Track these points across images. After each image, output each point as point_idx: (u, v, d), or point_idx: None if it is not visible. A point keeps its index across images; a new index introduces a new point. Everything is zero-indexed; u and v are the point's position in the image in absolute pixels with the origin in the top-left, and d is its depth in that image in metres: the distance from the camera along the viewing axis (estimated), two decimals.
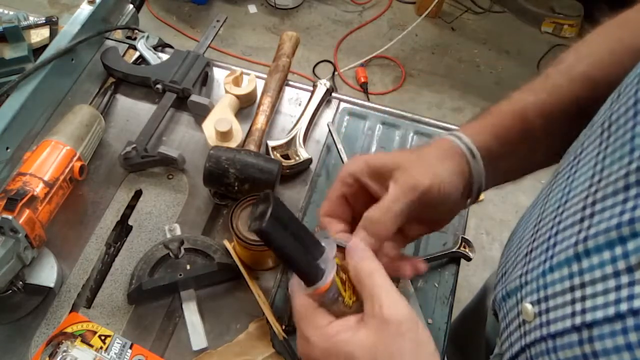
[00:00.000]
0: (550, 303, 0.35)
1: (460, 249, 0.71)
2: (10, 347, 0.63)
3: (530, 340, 0.37)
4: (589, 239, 0.33)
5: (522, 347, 0.39)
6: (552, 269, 0.36)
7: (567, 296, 0.34)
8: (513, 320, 0.41)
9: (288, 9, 2.46)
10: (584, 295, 0.32)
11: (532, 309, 0.37)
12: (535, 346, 0.37)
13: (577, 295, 0.33)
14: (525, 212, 0.51)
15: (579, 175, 0.37)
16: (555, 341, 0.34)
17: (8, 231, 0.61)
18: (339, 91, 0.93)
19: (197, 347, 0.64)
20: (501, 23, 2.49)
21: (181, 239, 0.69)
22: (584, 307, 0.32)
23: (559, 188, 0.40)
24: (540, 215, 0.42)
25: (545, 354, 0.35)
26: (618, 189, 0.32)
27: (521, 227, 0.49)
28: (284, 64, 0.87)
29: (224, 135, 0.76)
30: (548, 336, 0.35)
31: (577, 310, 0.32)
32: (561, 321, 0.34)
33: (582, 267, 0.33)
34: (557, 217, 0.38)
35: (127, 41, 0.92)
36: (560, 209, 0.38)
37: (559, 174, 0.42)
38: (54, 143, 0.71)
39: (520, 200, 1.92)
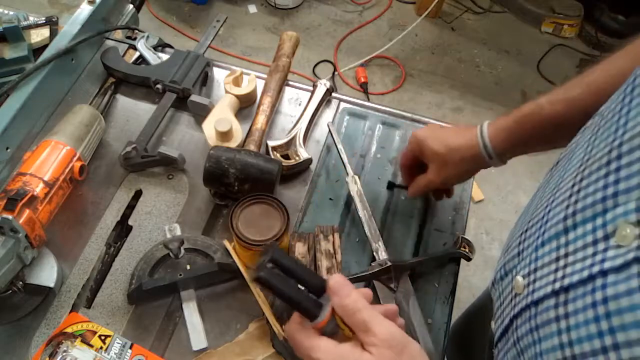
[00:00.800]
0: (538, 274, 0.38)
1: (460, 249, 0.71)
2: (10, 347, 0.63)
3: (517, 311, 0.40)
4: (577, 213, 0.35)
5: (510, 319, 0.41)
6: (544, 244, 0.38)
7: (552, 266, 0.36)
8: (506, 297, 0.44)
9: (288, 9, 2.46)
10: (566, 263, 0.35)
11: (522, 281, 0.40)
12: (521, 315, 0.39)
13: (560, 264, 0.35)
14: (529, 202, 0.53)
15: (574, 158, 0.40)
16: (537, 308, 0.36)
17: (8, 231, 0.61)
18: (339, 91, 0.93)
19: (197, 347, 0.64)
20: (501, 23, 2.49)
21: (181, 239, 0.69)
22: (564, 274, 0.34)
23: (558, 173, 0.43)
24: (538, 198, 0.45)
25: (527, 321, 0.38)
26: (602, 164, 0.34)
27: (523, 213, 0.51)
28: (284, 64, 0.87)
29: (224, 135, 0.76)
30: (532, 303, 0.37)
31: (558, 277, 0.35)
32: (543, 288, 0.36)
33: (568, 239, 0.35)
34: (552, 196, 0.40)
35: (127, 41, 0.92)
36: (555, 189, 0.41)
37: (560, 161, 0.45)
38: (54, 143, 0.71)
39: (521, 200, 1.92)
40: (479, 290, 1.72)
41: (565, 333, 0.32)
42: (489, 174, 2.12)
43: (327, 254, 0.70)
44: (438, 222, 0.77)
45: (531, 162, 2.03)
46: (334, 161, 0.81)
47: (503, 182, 1.95)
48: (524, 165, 2.00)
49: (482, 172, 0.65)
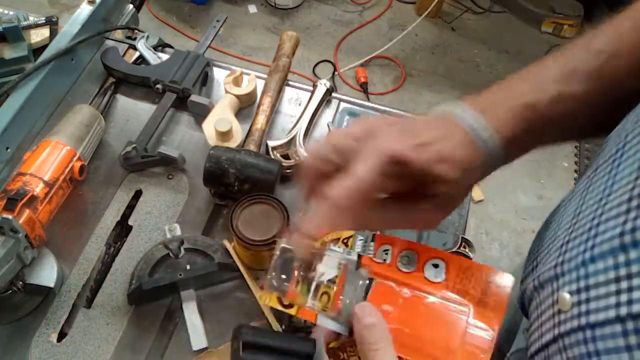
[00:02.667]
0: (592, 293, 0.35)
1: (460, 249, 0.71)
2: (10, 347, 0.63)
3: (565, 330, 0.37)
4: (637, 229, 0.32)
5: (554, 336, 0.38)
6: (594, 259, 0.35)
7: (612, 287, 0.33)
8: (546, 310, 0.40)
9: (288, 9, 2.46)
10: (631, 286, 0.31)
11: (570, 299, 0.36)
12: (571, 336, 0.36)
13: (622, 286, 0.32)
14: (559, 207, 0.49)
15: (623, 168, 0.36)
16: (594, 331, 0.33)
17: (8, 231, 0.60)
18: (339, 91, 0.93)
19: (197, 347, 0.64)
20: (501, 23, 2.49)
21: (181, 239, 0.69)
22: (631, 298, 0.31)
23: (600, 181, 0.39)
24: (578, 207, 0.41)
25: (582, 343, 0.35)
26: None
27: (555, 221, 0.47)
28: (284, 64, 0.87)
29: (224, 135, 0.76)
30: (587, 326, 0.34)
31: (622, 301, 0.32)
32: (603, 311, 0.33)
33: (630, 257, 0.32)
34: (599, 208, 0.37)
35: (127, 41, 0.92)
36: (602, 200, 0.37)
37: (599, 167, 0.41)
38: (54, 143, 0.71)
39: (520, 200, 1.92)
40: None
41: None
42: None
43: None
44: None
45: (531, 162, 2.03)
46: None
47: (503, 182, 1.95)
48: (524, 165, 2.00)
49: None
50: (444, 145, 0.39)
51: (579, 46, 0.44)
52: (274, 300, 0.43)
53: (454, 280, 0.43)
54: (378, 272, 0.44)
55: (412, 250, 0.45)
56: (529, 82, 0.43)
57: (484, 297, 0.42)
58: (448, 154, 0.39)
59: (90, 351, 0.63)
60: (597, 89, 0.42)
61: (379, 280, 0.44)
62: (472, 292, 0.43)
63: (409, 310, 0.43)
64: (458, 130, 0.40)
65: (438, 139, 0.39)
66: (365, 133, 0.40)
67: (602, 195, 0.38)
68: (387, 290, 0.44)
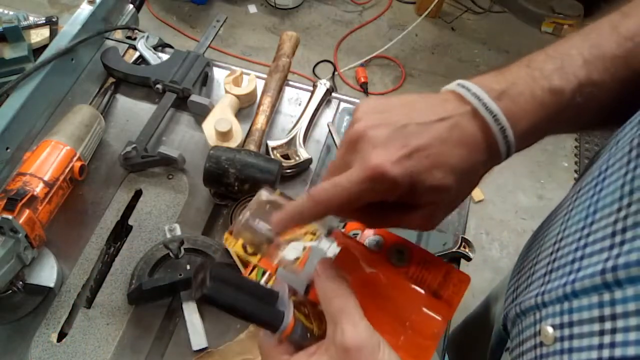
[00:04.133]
0: (575, 330, 0.33)
1: (460, 249, 0.71)
2: (10, 347, 0.63)
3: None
4: (618, 268, 0.30)
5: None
6: (577, 295, 0.34)
7: (595, 326, 0.32)
8: (528, 340, 0.39)
9: (288, 9, 2.46)
10: (615, 327, 0.30)
11: (552, 333, 0.35)
12: None
13: (606, 326, 0.31)
14: (542, 225, 0.48)
15: (605, 195, 0.35)
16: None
17: (8, 231, 0.61)
18: (339, 91, 0.93)
19: (197, 347, 0.64)
20: (501, 23, 2.49)
21: (181, 239, 0.69)
22: (614, 341, 0.30)
23: (582, 206, 0.38)
24: (561, 232, 0.40)
25: None
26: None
27: (537, 242, 0.46)
28: (284, 64, 0.87)
29: (224, 135, 0.76)
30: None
31: (605, 343, 0.30)
32: (586, 351, 0.32)
33: (615, 297, 0.31)
34: (582, 239, 0.35)
35: (127, 41, 0.92)
36: (585, 230, 0.36)
37: (581, 190, 0.40)
38: (54, 143, 0.71)
39: (520, 200, 1.92)
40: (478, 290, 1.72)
41: None
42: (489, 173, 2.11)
43: None
44: None
45: (531, 162, 2.03)
46: None
47: (503, 182, 1.95)
48: (524, 165, 2.00)
49: None
50: (439, 150, 0.36)
51: (607, 28, 0.41)
52: (239, 247, 0.44)
53: (415, 267, 0.45)
54: (346, 244, 0.45)
55: (380, 235, 0.47)
56: (555, 62, 0.40)
57: (439, 290, 0.44)
58: (442, 160, 0.36)
59: (90, 351, 0.63)
60: (623, 76, 0.39)
61: (345, 248, 0.44)
62: (429, 283, 0.45)
63: (367, 285, 0.44)
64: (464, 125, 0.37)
65: (433, 141, 0.36)
66: (351, 144, 0.37)
67: (584, 224, 0.36)
68: (352, 260, 0.45)
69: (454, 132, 0.37)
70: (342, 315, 0.36)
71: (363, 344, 0.35)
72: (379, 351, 0.36)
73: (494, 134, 0.37)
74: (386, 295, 0.45)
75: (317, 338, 0.40)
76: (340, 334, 0.36)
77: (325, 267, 0.40)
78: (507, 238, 1.85)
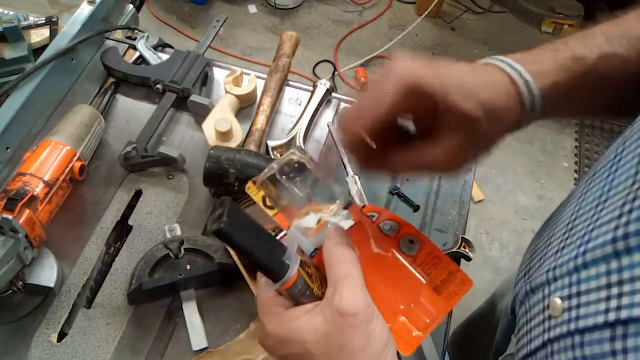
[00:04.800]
0: (583, 299, 0.35)
1: (460, 249, 0.71)
2: (10, 347, 0.63)
3: (554, 335, 0.37)
4: (629, 236, 0.31)
5: (543, 342, 0.38)
6: (587, 265, 0.35)
7: (602, 293, 0.33)
8: (536, 316, 0.40)
9: (288, 9, 2.46)
10: (621, 292, 0.31)
11: (561, 304, 0.37)
12: (560, 341, 0.36)
13: (613, 292, 0.32)
14: (556, 211, 0.49)
15: (620, 173, 0.36)
16: (583, 337, 0.34)
17: (8, 231, 0.60)
18: (338, 91, 0.93)
19: (197, 347, 0.64)
20: (501, 23, 2.49)
21: (181, 239, 0.69)
22: (620, 304, 0.31)
23: (597, 186, 0.39)
24: (574, 213, 0.41)
25: (570, 349, 0.35)
26: None
27: (550, 226, 0.47)
28: (284, 64, 0.87)
29: (224, 135, 0.76)
30: (576, 331, 0.34)
31: (612, 307, 0.32)
32: (593, 317, 0.33)
33: (622, 264, 0.32)
34: (595, 214, 0.37)
35: (127, 41, 0.92)
36: (599, 206, 0.37)
37: (596, 173, 0.41)
38: (54, 143, 0.71)
39: (520, 200, 1.92)
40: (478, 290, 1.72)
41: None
42: (489, 173, 2.12)
43: None
44: (438, 222, 0.77)
45: (531, 162, 2.03)
46: None
47: (503, 182, 1.95)
48: (524, 165, 2.00)
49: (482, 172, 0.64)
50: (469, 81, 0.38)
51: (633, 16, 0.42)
52: (259, 197, 0.45)
53: (422, 259, 0.46)
54: (361, 220, 0.46)
55: (395, 221, 0.48)
56: (577, 38, 0.42)
57: (441, 286, 0.45)
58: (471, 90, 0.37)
59: (90, 351, 0.63)
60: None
61: (359, 223, 0.46)
62: (433, 277, 0.45)
63: (372, 263, 0.45)
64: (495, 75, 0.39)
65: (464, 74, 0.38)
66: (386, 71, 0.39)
67: (598, 201, 0.37)
68: (363, 236, 0.46)
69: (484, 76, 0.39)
70: (344, 280, 0.38)
71: (359, 310, 0.36)
72: (372, 321, 0.37)
73: (519, 85, 0.39)
74: (388, 277, 0.45)
75: (315, 298, 0.40)
76: (338, 296, 0.37)
77: (336, 233, 0.41)
78: (507, 238, 1.85)
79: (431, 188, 0.80)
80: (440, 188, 0.80)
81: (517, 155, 2.02)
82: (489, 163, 1.95)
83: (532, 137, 2.09)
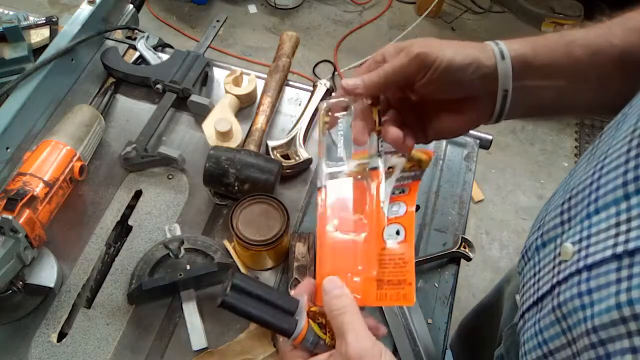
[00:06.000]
0: (592, 239, 0.36)
1: (460, 249, 0.71)
2: (10, 347, 0.63)
3: (563, 277, 0.39)
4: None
5: (552, 285, 0.40)
6: (598, 211, 0.37)
7: (612, 231, 0.35)
8: (546, 265, 0.42)
9: (288, 9, 2.46)
10: (629, 228, 0.33)
11: (572, 248, 0.39)
12: (568, 281, 0.38)
13: (622, 229, 0.34)
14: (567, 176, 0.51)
15: (623, 125, 0.38)
16: (590, 272, 0.35)
17: (8, 231, 0.60)
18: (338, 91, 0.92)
19: (197, 347, 0.64)
20: (501, 23, 2.49)
21: (181, 239, 0.69)
22: (628, 238, 0.33)
23: (604, 143, 0.41)
24: (583, 169, 0.43)
25: (576, 285, 0.36)
26: None
27: (561, 186, 0.49)
28: (284, 64, 0.87)
29: (224, 135, 0.76)
30: (584, 268, 0.36)
31: (620, 241, 0.33)
32: (601, 252, 0.35)
33: (631, 204, 0.34)
34: (599, 164, 0.39)
35: (127, 41, 0.92)
36: (602, 156, 0.39)
37: (603, 134, 0.43)
38: (54, 143, 0.71)
39: (520, 200, 1.92)
40: (478, 290, 1.72)
41: (625, 293, 0.32)
42: (489, 173, 2.12)
43: None
44: (438, 222, 0.77)
45: (531, 162, 2.03)
46: None
47: (503, 182, 1.95)
48: (524, 165, 2.00)
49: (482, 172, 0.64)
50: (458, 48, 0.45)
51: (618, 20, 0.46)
52: None
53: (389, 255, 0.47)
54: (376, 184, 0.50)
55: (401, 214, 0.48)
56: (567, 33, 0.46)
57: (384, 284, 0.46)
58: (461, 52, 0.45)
59: (90, 351, 0.63)
60: None
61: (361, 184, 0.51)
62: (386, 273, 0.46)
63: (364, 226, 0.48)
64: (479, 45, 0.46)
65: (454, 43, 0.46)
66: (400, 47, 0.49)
67: (601, 153, 0.40)
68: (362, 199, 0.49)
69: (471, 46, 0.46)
70: (347, 327, 0.41)
71: (365, 353, 0.40)
72: (380, 356, 0.40)
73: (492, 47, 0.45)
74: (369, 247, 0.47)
75: (329, 347, 0.44)
76: (345, 345, 0.40)
77: (331, 285, 0.44)
78: (507, 238, 1.85)
79: (431, 188, 0.80)
80: (440, 188, 0.80)
81: (517, 155, 2.02)
82: (489, 163, 1.95)
83: (532, 137, 2.09)
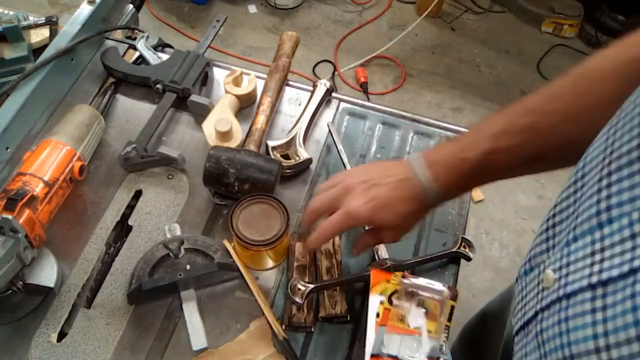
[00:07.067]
0: (571, 268, 0.37)
1: (460, 249, 0.71)
2: (10, 347, 0.63)
3: (545, 304, 0.40)
4: (612, 208, 0.34)
5: (535, 312, 0.41)
6: (576, 239, 0.38)
7: (588, 260, 0.36)
8: (531, 291, 0.44)
9: (288, 9, 2.46)
10: (603, 258, 0.34)
11: (553, 275, 0.40)
12: (550, 308, 0.39)
13: (596, 258, 0.35)
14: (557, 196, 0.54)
15: (592, 149, 0.40)
16: (569, 300, 0.36)
17: (8, 231, 0.60)
18: (339, 91, 0.93)
19: (197, 347, 0.64)
20: (501, 23, 2.49)
21: (181, 239, 0.69)
22: (602, 268, 0.34)
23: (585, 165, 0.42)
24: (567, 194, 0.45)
25: (556, 313, 0.37)
26: (632, 159, 0.34)
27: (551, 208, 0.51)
28: (284, 64, 0.87)
29: (224, 135, 0.76)
30: (563, 296, 0.37)
31: (595, 271, 0.34)
32: (578, 281, 0.36)
33: (604, 233, 0.35)
34: (579, 191, 0.41)
35: (127, 41, 0.92)
36: (579, 183, 0.41)
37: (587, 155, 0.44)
38: (54, 143, 0.71)
39: (520, 200, 1.91)
40: (478, 290, 1.72)
41: (601, 324, 0.32)
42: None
43: (327, 254, 0.70)
44: (438, 222, 0.77)
45: None
46: (334, 161, 0.81)
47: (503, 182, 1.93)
48: None
49: None
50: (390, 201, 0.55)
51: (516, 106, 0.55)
52: None
53: None
54: None
55: None
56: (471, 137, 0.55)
57: None
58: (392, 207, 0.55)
59: (90, 351, 0.63)
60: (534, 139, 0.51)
61: None
62: None
63: None
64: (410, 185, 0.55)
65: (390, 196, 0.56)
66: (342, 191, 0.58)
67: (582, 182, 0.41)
68: None
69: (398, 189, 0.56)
70: None
71: None
72: None
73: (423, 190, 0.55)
74: None
75: None
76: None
77: None
78: (507, 238, 1.85)
79: None
80: None
81: None
82: None
83: None
